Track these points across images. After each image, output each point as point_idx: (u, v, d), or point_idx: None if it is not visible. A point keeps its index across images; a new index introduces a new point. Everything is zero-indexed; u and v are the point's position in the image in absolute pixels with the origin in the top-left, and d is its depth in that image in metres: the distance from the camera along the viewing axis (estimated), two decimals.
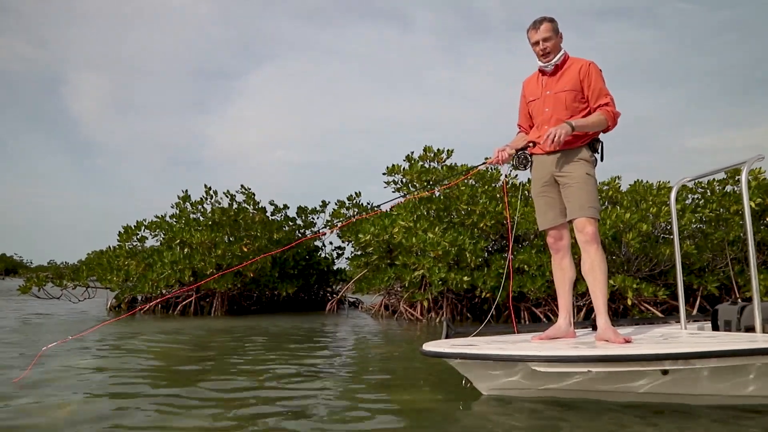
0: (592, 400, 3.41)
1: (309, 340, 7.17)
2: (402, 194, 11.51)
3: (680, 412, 3.19)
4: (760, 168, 9.14)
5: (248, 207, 12.96)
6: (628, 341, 3.43)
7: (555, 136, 3.63)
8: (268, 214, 13.61)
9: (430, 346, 3.60)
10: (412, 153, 11.39)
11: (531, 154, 4.04)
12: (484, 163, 4.32)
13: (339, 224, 13.16)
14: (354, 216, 12.85)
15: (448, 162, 11.41)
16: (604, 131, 3.90)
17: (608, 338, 3.54)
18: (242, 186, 13.17)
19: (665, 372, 3.20)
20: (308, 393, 3.81)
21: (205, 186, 12.94)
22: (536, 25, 3.89)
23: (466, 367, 3.57)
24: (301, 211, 14.49)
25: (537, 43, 3.90)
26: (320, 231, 14.45)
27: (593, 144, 3.89)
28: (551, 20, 3.89)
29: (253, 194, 13.17)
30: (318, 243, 14.92)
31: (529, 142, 4.03)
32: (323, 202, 14.49)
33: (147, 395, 3.74)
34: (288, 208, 14.33)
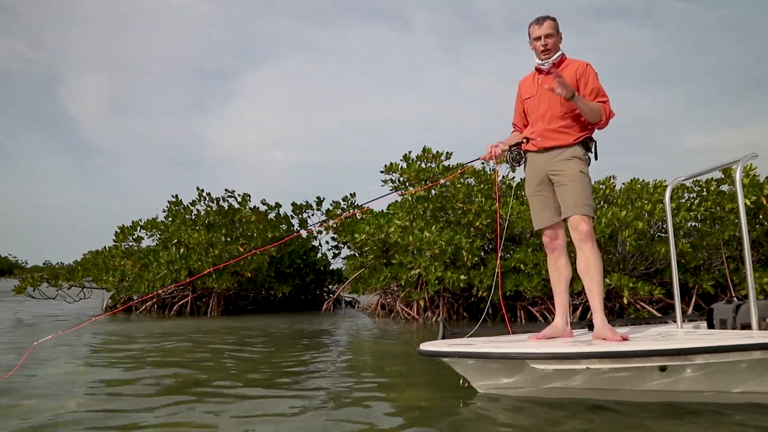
0: (589, 398, 3.42)
1: (305, 339, 7.17)
2: (392, 191, 11.49)
3: (678, 410, 3.20)
4: (752, 165, 9.14)
5: (242, 209, 12.95)
6: (625, 339, 3.44)
7: (560, 82, 3.65)
8: (264, 212, 13.59)
9: (427, 346, 3.61)
10: (410, 153, 11.39)
11: (525, 152, 4.05)
12: (477, 160, 4.31)
13: (331, 222, 13.16)
14: (346, 213, 12.84)
15: (446, 163, 11.40)
16: (596, 126, 3.88)
17: (605, 336, 3.54)
18: (226, 190, 13.10)
19: (663, 369, 3.22)
20: (304, 393, 3.81)
21: (198, 188, 12.96)
22: (540, 21, 3.92)
23: (464, 366, 3.58)
24: (297, 208, 14.47)
25: (539, 38, 3.90)
26: (311, 227, 14.43)
27: (587, 142, 3.90)
28: (554, 19, 3.93)
29: (248, 196, 13.15)
30: (314, 243, 14.90)
31: (523, 138, 4.04)
32: (318, 198, 14.47)
33: (136, 395, 3.73)
34: (281, 206, 14.29)
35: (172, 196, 12.91)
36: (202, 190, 12.97)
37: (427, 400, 3.55)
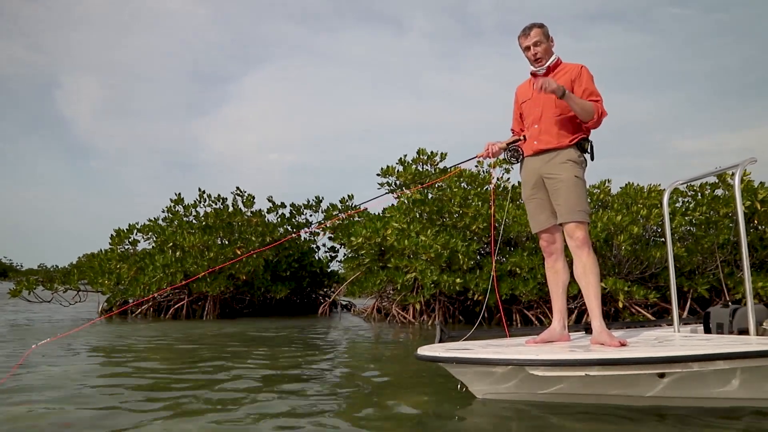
0: (587, 403, 3.42)
1: (301, 343, 7.16)
2: (388, 191, 11.49)
3: (676, 415, 3.20)
4: (746, 170, 9.21)
5: (245, 210, 12.96)
6: (623, 344, 3.45)
7: (546, 84, 3.66)
8: (265, 212, 13.59)
9: (424, 351, 3.59)
10: (405, 156, 11.40)
11: (523, 151, 4.05)
12: (474, 158, 4.31)
13: (328, 223, 13.18)
14: (343, 214, 12.86)
15: (441, 165, 11.41)
16: (588, 125, 3.87)
17: (604, 341, 3.55)
18: (237, 188, 13.14)
19: (662, 375, 3.22)
20: (299, 398, 3.80)
21: (199, 189, 12.97)
22: (526, 31, 3.93)
23: (461, 371, 3.58)
24: (296, 209, 14.44)
25: (528, 48, 3.94)
26: (308, 229, 14.41)
27: (582, 144, 3.89)
28: (540, 26, 3.94)
29: (252, 197, 13.16)
30: (312, 245, 14.88)
31: (521, 135, 4.05)
32: (317, 197, 14.47)
33: (131, 401, 3.71)
34: (285, 206, 14.30)
35: (175, 194, 12.93)
36: (203, 191, 13.01)
37: (423, 405, 3.54)
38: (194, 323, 10.54)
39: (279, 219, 14.07)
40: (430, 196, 10.79)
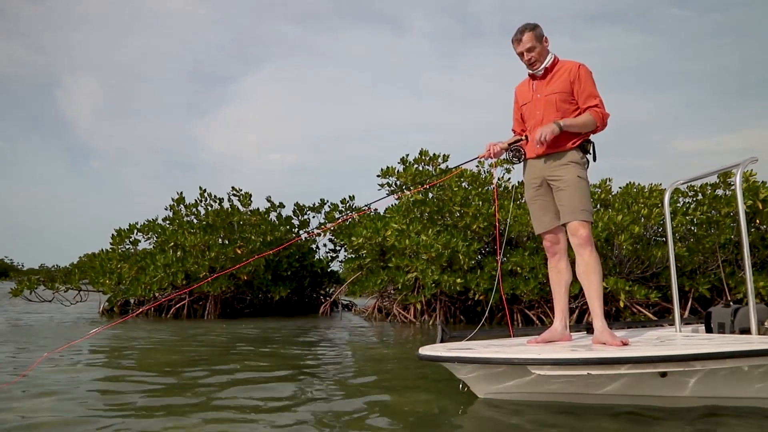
0: (590, 403, 3.43)
1: (302, 343, 7.16)
2: (388, 192, 11.50)
3: (677, 415, 3.21)
4: (752, 171, 9.23)
5: (244, 209, 12.96)
6: (625, 344, 3.45)
7: (542, 136, 3.69)
8: (264, 211, 13.59)
9: (426, 350, 3.60)
10: (407, 156, 11.39)
11: (524, 151, 4.05)
12: (475, 158, 4.31)
13: (330, 225, 13.19)
14: (346, 217, 12.87)
15: (443, 166, 11.40)
16: (593, 132, 3.91)
17: (605, 341, 3.55)
18: (233, 188, 13.15)
19: (663, 374, 3.22)
20: (301, 397, 3.80)
21: (200, 188, 12.99)
22: (518, 36, 3.92)
23: (463, 371, 3.58)
24: (299, 208, 14.43)
25: (521, 54, 3.94)
26: (310, 231, 14.41)
27: (584, 145, 3.90)
28: (533, 28, 3.90)
29: (250, 195, 13.17)
30: (312, 245, 14.88)
31: (524, 134, 4.05)
32: (321, 200, 14.48)
33: (135, 402, 3.72)
34: (284, 206, 14.30)
35: (177, 193, 12.98)
36: (204, 190, 13.03)
37: (425, 405, 3.54)
38: (195, 323, 10.54)
39: (277, 217, 14.04)
40: (430, 195, 10.79)
